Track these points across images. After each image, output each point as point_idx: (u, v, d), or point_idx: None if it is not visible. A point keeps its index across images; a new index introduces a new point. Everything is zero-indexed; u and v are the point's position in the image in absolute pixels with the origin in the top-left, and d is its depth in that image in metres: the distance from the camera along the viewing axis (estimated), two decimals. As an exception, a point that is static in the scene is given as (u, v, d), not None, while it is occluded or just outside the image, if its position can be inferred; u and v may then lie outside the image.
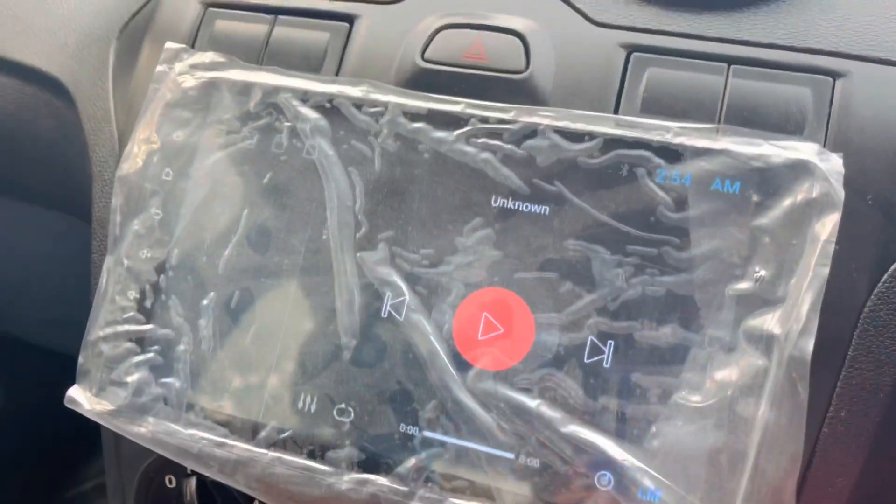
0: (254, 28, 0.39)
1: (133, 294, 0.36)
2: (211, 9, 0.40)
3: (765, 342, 0.29)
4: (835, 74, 0.32)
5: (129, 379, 0.35)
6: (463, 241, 0.33)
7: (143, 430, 0.35)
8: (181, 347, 0.35)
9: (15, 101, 0.48)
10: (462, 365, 0.32)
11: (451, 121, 0.33)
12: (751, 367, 0.29)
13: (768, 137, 0.30)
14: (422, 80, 0.35)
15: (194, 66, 0.37)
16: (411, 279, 0.33)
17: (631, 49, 0.34)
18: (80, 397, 0.35)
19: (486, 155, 0.33)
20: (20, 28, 0.47)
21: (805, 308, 0.28)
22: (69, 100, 0.44)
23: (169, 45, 0.38)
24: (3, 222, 0.57)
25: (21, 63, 0.47)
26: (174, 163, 0.36)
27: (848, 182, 0.30)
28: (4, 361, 0.81)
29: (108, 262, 0.37)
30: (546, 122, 0.32)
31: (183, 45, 0.38)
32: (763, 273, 0.29)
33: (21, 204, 0.53)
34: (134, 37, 0.42)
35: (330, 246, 0.34)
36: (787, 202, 0.30)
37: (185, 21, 0.40)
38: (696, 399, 0.29)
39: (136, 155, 0.37)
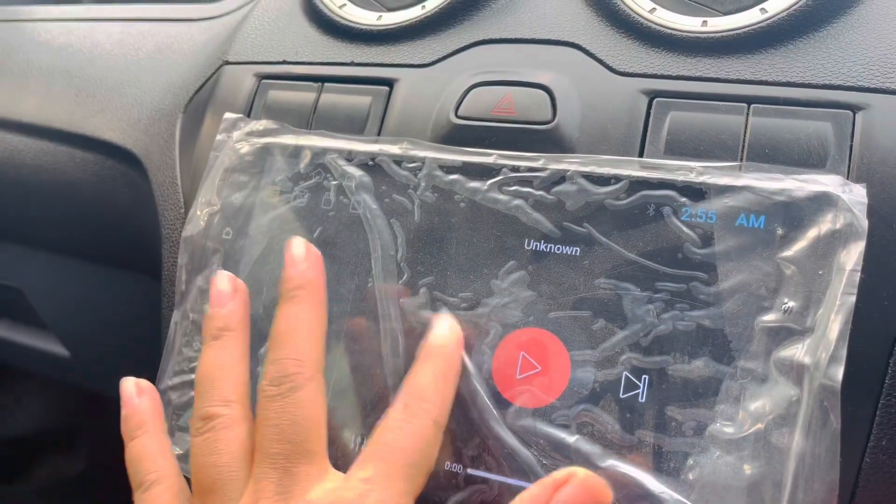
0: (303, 96, 0.42)
1: (198, 345, 0.39)
2: (264, 80, 0.44)
3: (795, 372, 0.29)
4: (854, 108, 0.33)
5: None
6: (498, 284, 0.34)
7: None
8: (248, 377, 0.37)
9: (95, 173, 0.53)
10: (502, 403, 0.33)
11: (484, 171, 0.35)
12: (783, 398, 0.29)
13: (790, 172, 0.31)
14: (456, 135, 0.38)
15: (250, 133, 0.41)
16: (451, 322, 0.34)
17: (653, 95, 0.36)
18: (152, 443, 0.38)
19: (517, 201, 0.35)
20: (98, 107, 0.52)
21: (833, 336, 0.29)
22: (142, 170, 0.48)
23: (227, 115, 0.42)
24: (83, 284, 0.61)
25: (100, 139, 0.52)
26: (233, 222, 0.40)
27: (873, 212, 0.30)
28: (90, 417, 0.85)
29: (176, 316, 0.40)
30: (573, 167, 0.34)
31: (240, 115, 0.42)
32: (791, 304, 0.30)
33: (99, 266, 0.58)
34: (197, 110, 0.46)
35: (375, 293, 0.36)
36: (811, 234, 0.30)
37: (241, 93, 0.44)
38: (730, 431, 0.30)
39: (198, 217, 0.40)
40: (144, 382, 0.37)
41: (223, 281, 0.36)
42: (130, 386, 0.36)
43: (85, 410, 0.87)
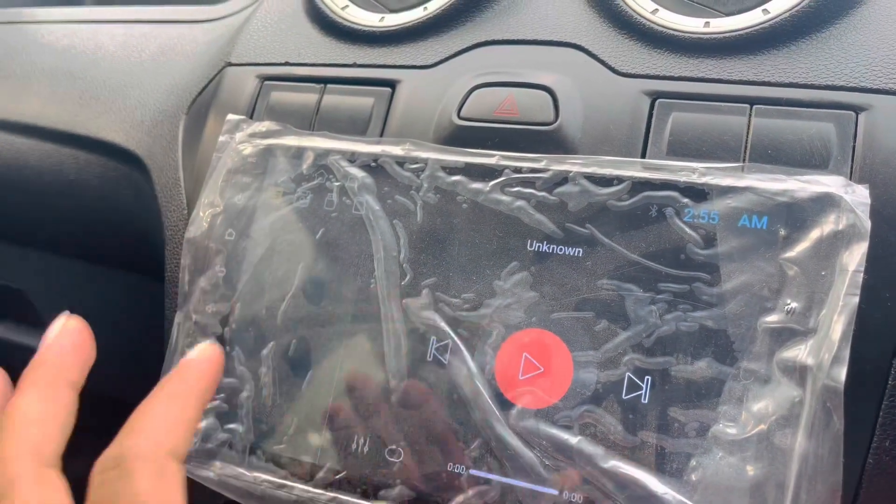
0: (305, 97, 0.42)
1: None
2: (267, 82, 0.44)
3: (798, 373, 0.29)
4: (857, 108, 0.33)
5: (198, 426, 0.37)
6: (501, 285, 0.34)
7: (211, 475, 0.37)
8: (244, 395, 0.37)
9: (98, 175, 0.53)
10: (504, 404, 0.33)
11: (486, 172, 0.36)
12: (786, 399, 0.29)
13: (793, 173, 0.31)
14: (458, 137, 0.38)
15: (253, 135, 0.41)
16: (454, 323, 0.34)
17: (655, 96, 0.36)
18: (154, 444, 0.38)
19: (520, 202, 0.35)
20: (102, 109, 0.52)
21: (836, 337, 0.29)
22: (145, 171, 0.48)
23: (230, 116, 0.42)
24: (85, 285, 0.61)
25: (103, 140, 0.52)
26: (236, 224, 0.40)
27: (876, 212, 0.30)
28: (92, 419, 0.85)
29: (178, 317, 0.40)
30: (576, 168, 0.34)
31: (242, 117, 0.42)
32: (794, 305, 0.30)
33: (102, 268, 0.58)
34: (200, 111, 0.46)
35: (378, 294, 0.36)
36: (814, 234, 0.30)
37: (244, 94, 0.44)
38: (733, 431, 0.30)
39: (201, 218, 0.40)
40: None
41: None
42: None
43: (87, 412, 0.87)
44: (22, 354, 0.73)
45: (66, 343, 0.31)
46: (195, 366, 0.32)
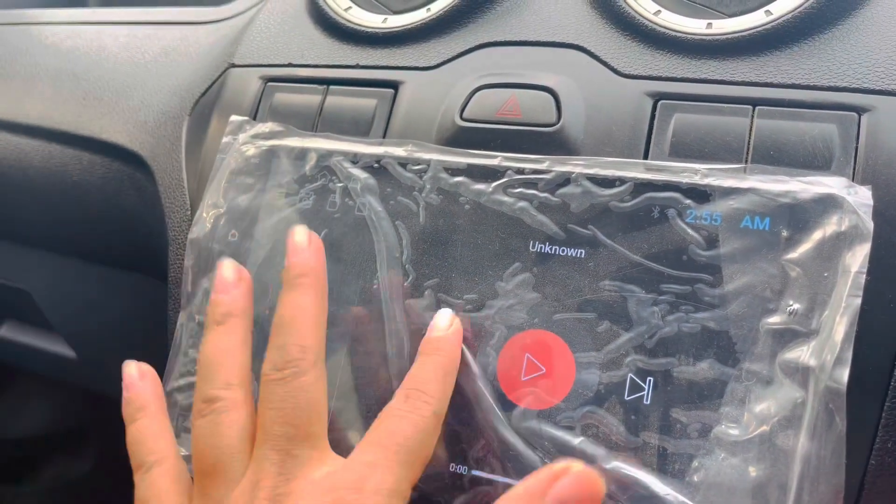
0: (308, 98, 0.42)
1: (204, 347, 0.39)
2: (270, 83, 0.44)
3: (801, 374, 0.29)
4: (860, 110, 0.33)
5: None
6: (503, 286, 0.34)
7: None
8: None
9: (101, 175, 0.53)
10: (507, 405, 0.33)
11: (488, 173, 0.36)
12: (788, 400, 0.29)
13: (795, 174, 0.31)
14: (461, 138, 0.38)
15: (256, 136, 0.41)
16: (456, 324, 0.34)
17: (657, 97, 0.36)
18: (158, 444, 0.38)
19: (522, 204, 0.35)
20: (105, 110, 0.52)
21: (839, 339, 0.29)
22: (148, 172, 0.49)
23: (233, 118, 0.42)
24: (89, 286, 0.62)
25: (107, 141, 0.52)
26: (239, 224, 0.40)
27: (878, 214, 0.30)
28: (96, 419, 0.86)
29: (182, 317, 0.40)
30: (578, 170, 0.34)
31: (246, 118, 0.42)
32: (796, 306, 0.30)
33: (106, 269, 0.58)
34: (203, 113, 0.47)
35: (380, 295, 0.36)
36: (816, 236, 0.30)
37: (247, 96, 0.44)
38: (735, 433, 0.30)
39: (205, 219, 0.40)
40: (146, 366, 0.37)
41: (228, 269, 0.36)
42: (133, 369, 0.37)
43: (91, 412, 0.88)
44: (25, 354, 0.73)
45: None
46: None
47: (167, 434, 0.35)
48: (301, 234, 0.35)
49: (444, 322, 0.34)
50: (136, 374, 0.37)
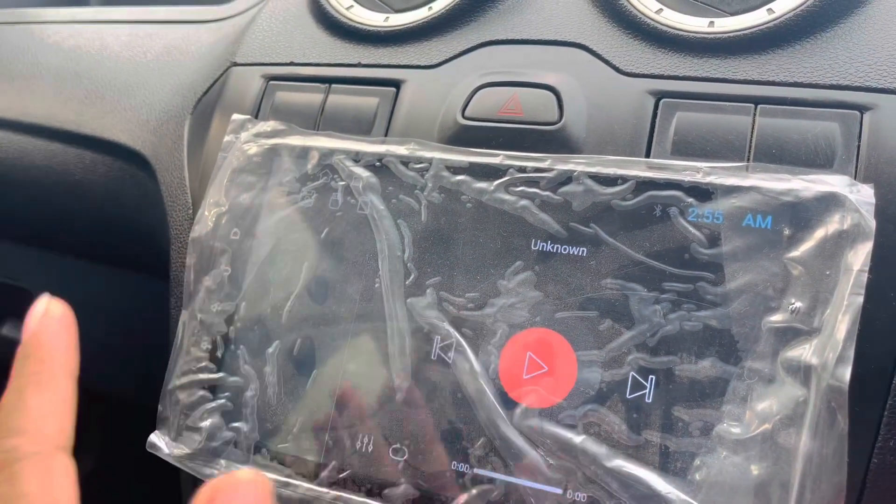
0: (310, 97, 0.42)
1: (206, 345, 0.39)
2: (272, 82, 0.44)
3: (803, 372, 0.29)
4: (862, 108, 0.33)
5: (203, 424, 0.38)
6: (505, 284, 0.34)
7: (216, 473, 0.37)
8: (249, 394, 0.37)
9: (104, 174, 0.53)
10: (509, 403, 0.33)
11: (490, 172, 0.36)
12: (790, 398, 0.29)
13: (797, 172, 0.31)
14: (463, 136, 0.38)
15: (258, 135, 0.41)
16: (458, 322, 0.34)
17: (659, 95, 0.36)
18: (160, 442, 0.38)
19: (524, 202, 0.35)
20: (107, 109, 0.52)
21: (841, 337, 0.29)
22: (150, 171, 0.49)
23: (235, 116, 0.42)
24: (91, 284, 0.62)
25: (109, 140, 0.52)
26: (241, 223, 0.40)
27: (881, 212, 0.30)
28: (96, 417, 0.86)
29: (184, 316, 0.40)
30: (580, 168, 0.34)
31: (248, 116, 0.42)
32: (798, 304, 0.30)
33: (107, 267, 0.58)
34: (205, 111, 0.47)
35: (382, 294, 0.36)
36: (819, 234, 0.30)
37: (249, 94, 0.44)
38: (737, 431, 0.30)
39: (207, 218, 0.40)
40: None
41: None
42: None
43: (93, 411, 0.88)
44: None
45: (54, 329, 0.27)
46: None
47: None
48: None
49: (34, 315, 0.27)
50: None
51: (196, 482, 0.41)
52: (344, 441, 0.35)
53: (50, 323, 0.27)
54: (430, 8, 0.43)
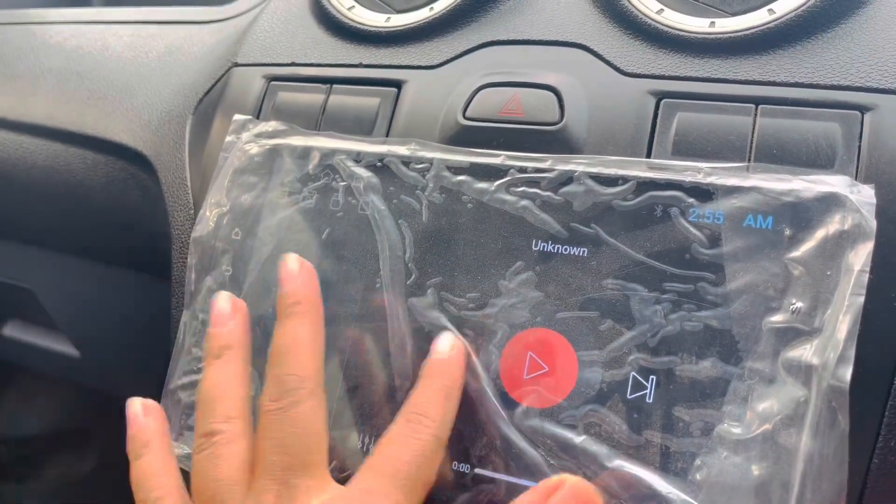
0: (312, 97, 0.42)
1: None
2: (273, 82, 0.44)
3: (804, 373, 0.29)
4: (863, 108, 0.33)
5: None
6: (506, 284, 0.34)
7: (217, 472, 0.37)
8: (250, 393, 0.37)
9: (105, 174, 0.53)
10: (509, 403, 0.33)
11: (491, 172, 0.36)
12: (791, 398, 0.29)
13: (798, 173, 0.31)
14: (464, 136, 0.38)
15: (259, 135, 0.41)
16: (459, 322, 0.35)
17: (660, 96, 0.36)
18: (161, 442, 0.38)
19: (525, 202, 0.35)
20: (109, 109, 0.52)
21: (842, 337, 0.28)
22: (152, 171, 0.49)
23: (237, 117, 0.42)
24: (93, 285, 0.62)
25: (111, 140, 0.52)
26: (242, 223, 0.40)
27: (881, 212, 0.30)
28: (99, 418, 0.86)
29: (185, 316, 0.40)
30: (581, 168, 0.34)
31: (249, 117, 0.42)
32: (799, 305, 0.30)
33: (109, 267, 0.58)
34: (206, 112, 0.47)
35: (383, 294, 0.36)
36: (819, 234, 0.30)
37: (250, 94, 0.44)
38: (738, 431, 0.30)
39: (208, 218, 0.40)
40: (150, 402, 0.37)
41: (223, 301, 0.36)
42: (137, 405, 0.36)
43: (95, 410, 0.88)
44: (29, 353, 0.73)
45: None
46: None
47: (172, 470, 0.34)
48: (293, 262, 0.35)
49: (446, 345, 0.34)
50: (141, 410, 0.36)
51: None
52: (345, 441, 0.35)
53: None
54: (432, 8, 0.43)
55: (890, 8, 0.35)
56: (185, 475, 0.39)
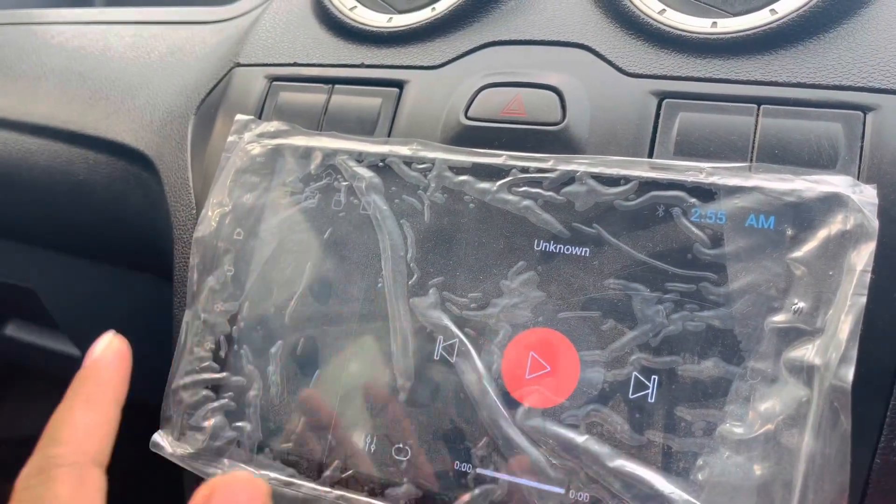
0: (313, 98, 0.42)
1: (209, 345, 0.39)
2: (275, 82, 0.44)
3: (806, 373, 0.29)
4: (865, 108, 0.33)
5: (206, 424, 0.38)
6: (508, 284, 0.34)
7: (219, 472, 0.37)
8: (252, 393, 0.37)
9: (107, 174, 0.53)
10: (511, 403, 0.33)
11: (493, 172, 0.36)
12: (793, 398, 0.29)
13: (800, 173, 0.31)
14: (466, 136, 0.38)
15: (261, 135, 0.41)
16: (460, 322, 0.35)
17: (662, 96, 0.36)
18: (163, 442, 0.38)
19: (527, 202, 0.35)
20: (111, 109, 0.52)
21: (844, 337, 0.28)
22: (154, 171, 0.49)
23: (239, 117, 0.42)
24: (94, 285, 0.62)
25: (113, 140, 0.52)
26: (244, 223, 0.40)
27: (883, 212, 0.30)
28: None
29: (187, 316, 0.40)
30: (583, 168, 0.34)
31: (251, 117, 0.42)
32: (801, 305, 0.30)
33: (111, 268, 0.58)
34: (209, 112, 0.47)
35: (385, 294, 0.36)
36: (821, 234, 0.30)
37: (252, 95, 0.44)
38: (740, 431, 0.30)
39: (210, 218, 0.40)
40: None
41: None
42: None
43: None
44: (31, 353, 0.73)
45: (112, 360, 0.31)
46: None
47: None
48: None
49: (98, 347, 0.31)
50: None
51: (199, 482, 0.41)
52: (347, 441, 0.35)
53: (109, 354, 0.31)
54: (434, 9, 0.43)
55: (892, 8, 0.35)
56: (192, 476, 0.39)
